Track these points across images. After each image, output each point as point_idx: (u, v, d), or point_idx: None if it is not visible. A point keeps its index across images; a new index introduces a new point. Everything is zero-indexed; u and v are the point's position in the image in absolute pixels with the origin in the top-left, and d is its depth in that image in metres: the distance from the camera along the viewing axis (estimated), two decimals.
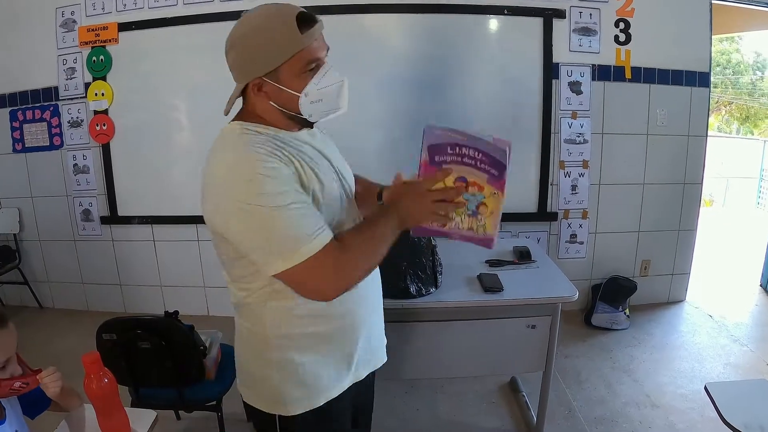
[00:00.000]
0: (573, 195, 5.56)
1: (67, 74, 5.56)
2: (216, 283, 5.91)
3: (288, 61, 1.89)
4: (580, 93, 5.34)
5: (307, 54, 1.90)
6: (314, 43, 1.90)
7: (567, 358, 4.95)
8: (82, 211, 5.90)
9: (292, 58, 1.89)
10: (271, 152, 1.87)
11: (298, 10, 1.87)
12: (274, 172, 1.82)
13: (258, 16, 1.90)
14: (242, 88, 1.99)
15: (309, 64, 1.91)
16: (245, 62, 1.93)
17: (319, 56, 1.93)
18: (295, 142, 2.01)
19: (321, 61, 1.94)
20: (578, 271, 5.76)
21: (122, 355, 3.21)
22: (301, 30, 1.86)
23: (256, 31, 1.89)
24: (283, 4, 1.90)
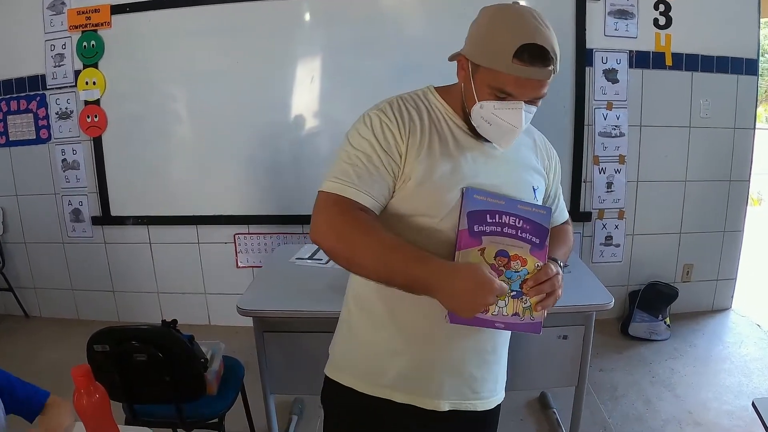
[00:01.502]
0: (608, 193, 5.56)
1: (55, 61, 5.58)
2: (218, 290, 5.94)
3: (490, 69, 1.95)
4: (616, 82, 5.33)
5: (502, 81, 1.94)
6: (517, 79, 1.92)
7: (602, 371, 4.94)
8: (71, 211, 5.92)
9: (495, 72, 1.94)
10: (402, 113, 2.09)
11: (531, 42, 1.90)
12: (377, 121, 2.06)
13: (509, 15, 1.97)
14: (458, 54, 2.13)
15: (499, 90, 1.96)
16: (470, 36, 2.09)
17: (511, 91, 1.95)
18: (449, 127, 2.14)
19: (514, 98, 1.96)
20: (614, 276, 5.75)
21: (115, 368, 3.20)
22: (517, 58, 1.89)
23: (493, 23, 1.99)
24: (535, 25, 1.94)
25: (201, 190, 5.64)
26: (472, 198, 1.97)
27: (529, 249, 1.98)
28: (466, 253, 1.94)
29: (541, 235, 2.00)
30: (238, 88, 5.33)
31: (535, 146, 2.34)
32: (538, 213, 2.02)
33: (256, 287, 3.72)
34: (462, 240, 1.95)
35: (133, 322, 5.57)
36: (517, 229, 1.98)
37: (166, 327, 3.28)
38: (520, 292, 1.97)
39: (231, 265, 5.87)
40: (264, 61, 5.27)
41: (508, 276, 1.95)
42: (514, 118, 1.97)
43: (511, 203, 2.00)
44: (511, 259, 1.96)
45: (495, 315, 1.96)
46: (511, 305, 1.98)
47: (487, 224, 1.96)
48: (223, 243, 5.80)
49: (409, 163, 2.03)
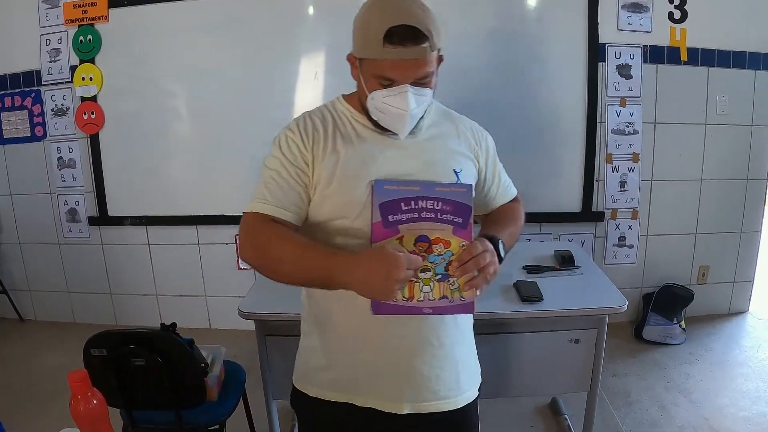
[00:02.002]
0: (621, 192, 5.55)
1: (51, 56, 5.58)
2: (219, 292, 5.94)
3: (368, 60, 2.07)
4: (630, 77, 5.32)
5: (379, 68, 2.05)
6: (392, 62, 2.02)
7: (615, 376, 4.95)
8: (67, 211, 5.93)
9: (372, 60, 2.06)
10: (306, 126, 2.22)
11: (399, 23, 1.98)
12: (283, 139, 2.21)
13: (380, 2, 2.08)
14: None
15: (378, 77, 2.07)
16: (353, 32, 2.15)
17: (392, 78, 2.05)
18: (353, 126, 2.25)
19: (397, 83, 2.06)
20: (627, 278, 5.74)
21: (113, 373, 3.19)
22: (386, 42, 1.99)
23: (365, 13, 2.09)
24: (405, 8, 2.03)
25: (201, 189, 5.63)
26: (382, 189, 2.00)
27: (451, 230, 2.01)
28: (382, 245, 1.96)
29: (464, 214, 2.02)
30: (239, 84, 5.33)
31: (458, 131, 2.39)
32: (458, 191, 2.04)
33: (257, 290, 3.72)
34: (375, 232, 1.99)
35: (131, 325, 5.53)
36: (437, 212, 2.00)
37: (165, 330, 3.28)
38: (446, 274, 2.00)
39: (232, 267, 5.86)
40: (266, 57, 5.27)
41: (431, 260, 1.99)
42: (401, 102, 2.06)
43: (428, 187, 2.02)
44: (433, 242, 1.99)
45: (421, 301, 2.00)
46: (438, 288, 2.01)
47: (403, 212, 1.99)
48: (224, 244, 5.79)
49: (317, 169, 2.16)
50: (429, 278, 1.99)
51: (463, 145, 2.35)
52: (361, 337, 2.24)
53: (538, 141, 5.36)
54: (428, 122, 2.32)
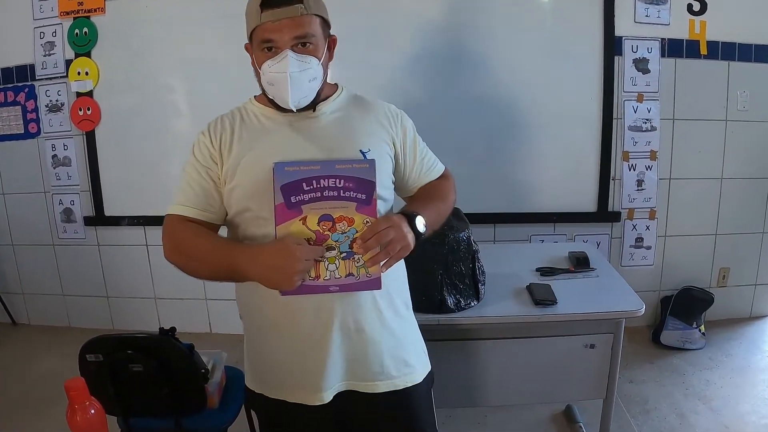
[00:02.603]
0: (639, 191, 5.55)
1: (45, 50, 5.58)
2: (220, 296, 5.93)
3: (252, 35, 2.31)
4: (647, 72, 5.31)
5: (261, 32, 2.24)
6: (270, 24, 2.20)
7: (632, 382, 4.94)
8: (62, 211, 5.93)
9: (253, 32, 2.28)
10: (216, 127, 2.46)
11: None
12: (195, 142, 2.44)
13: None
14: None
15: (261, 43, 2.25)
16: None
17: (271, 38, 2.22)
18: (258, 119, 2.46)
19: (275, 44, 2.23)
20: (645, 280, 5.73)
21: (110, 379, 3.18)
22: (263, 8, 2.19)
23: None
24: None
25: None
26: (283, 171, 2.07)
27: (355, 207, 2.10)
28: (286, 227, 2.08)
29: (367, 190, 2.10)
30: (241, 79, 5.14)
31: (368, 114, 2.50)
32: (361, 168, 2.10)
33: None
34: (279, 215, 2.08)
35: (128, 329, 5.54)
36: (339, 190, 2.08)
37: (164, 335, 3.27)
38: (352, 251, 2.11)
39: None
40: None
41: (335, 239, 2.10)
42: (282, 65, 2.21)
43: (328, 165, 2.09)
44: (336, 221, 2.09)
45: (327, 279, 2.13)
46: (343, 266, 2.13)
47: (305, 192, 2.07)
48: None
49: (224, 166, 2.35)
50: (334, 257, 2.11)
51: (373, 127, 2.46)
52: (273, 328, 2.41)
53: (551, 138, 5.36)
54: (334, 107, 2.46)
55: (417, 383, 2.58)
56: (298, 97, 2.26)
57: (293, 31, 2.20)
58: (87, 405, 2.06)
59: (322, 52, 2.32)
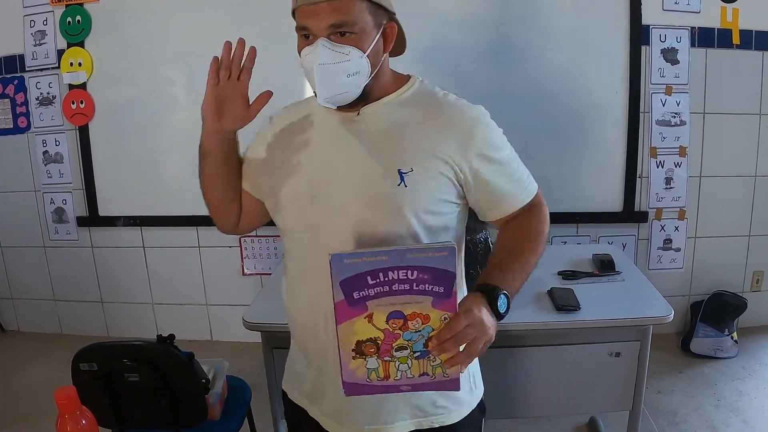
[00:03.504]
0: (667, 190, 5.54)
1: (36, 39, 5.59)
2: (221, 301, 5.96)
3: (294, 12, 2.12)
4: (677, 63, 5.30)
5: (298, 16, 2.09)
6: (305, 8, 2.03)
7: (660, 393, 4.94)
8: (53, 210, 5.94)
9: (294, 14, 2.11)
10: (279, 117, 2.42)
11: None
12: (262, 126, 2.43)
13: None
14: None
15: (299, 29, 2.11)
16: None
17: (305, 24, 2.05)
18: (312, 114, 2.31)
19: (310, 31, 2.05)
20: (674, 285, 5.71)
21: (104, 389, 3.19)
22: None
23: None
24: None
25: None
26: (342, 264, 1.86)
27: (431, 302, 1.88)
28: (349, 326, 1.90)
29: (446, 282, 1.87)
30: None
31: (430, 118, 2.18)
32: (438, 257, 1.86)
33: (264, 298, 3.74)
34: (340, 313, 1.89)
35: (124, 337, 5.55)
36: (411, 283, 1.87)
37: (162, 343, 3.28)
38: (426, 351, 1.93)
39: (236, 273, 5.88)
40: (273, 39, 5.21)
41: (407, 338, 1.92)
42: (313, 55, 2.04)
43: (398, 255, 1.87)
44: (408, 318, 1.90)
45: (398, 380, 1.96)
46: (417, 366, 1.95)
47: (370, 287, 1.87)
48: (227, 247, 5.80)
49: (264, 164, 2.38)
50: (406, 356, 1.94)
51: (430, 138, 2.14)
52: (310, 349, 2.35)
53: (574, 134, 5.35)
54: (385, 108, 2.21)
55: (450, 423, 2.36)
56: (330, 93, 2.08)
57: (329, 17, 2.00)
58: (78, 415, 2.06)
59: (370, 43, 2.08)
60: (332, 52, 2.02)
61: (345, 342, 1.91)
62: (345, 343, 1.91)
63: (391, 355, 1.93)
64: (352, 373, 1.94)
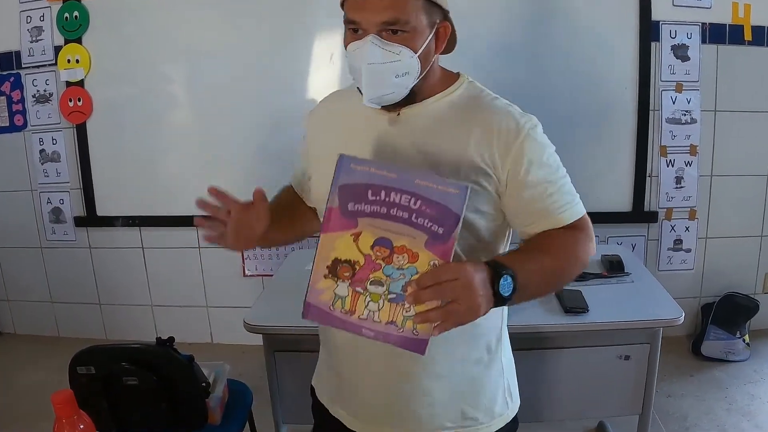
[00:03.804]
0: (677, 189, 5.53)
1: (32, 35, 5.58)
2: (222, 302, 5.96)
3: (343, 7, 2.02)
4: (687, 59, 5.29)
5: (347, 9, 1.99)
6: (355, 1, 1.94)
7: (670, 397, 4.94)
8: (50, 210, 5.94)
9: (343, 6, 2.01)
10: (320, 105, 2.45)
11: None
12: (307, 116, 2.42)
13: None
14: None
15: (347, 22, 1.99)
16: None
17: (354, 18, 1.95)
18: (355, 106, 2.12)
19: (360, 25, 1.95)
20: (684, 286, 5.70)
21: (102, 393, 3.17)
22: None
23: None
24: None
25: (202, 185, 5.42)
26: (348, 168, 1.80)
27: (424, 240, 1.76)
28: (332, 238, 1.81)
29: (447, 223, 1.74)
30: (245, 66, 5.33)
31: (474, 123, 2.09)
32: (447, 193, 1.75)
33: (266, 299, 3.75)
34: (330, 220, 1.82)
35: (122, 340, 5.56)
36: (412, 212, 1.76)
37: (161, 346, 3.28)
38: (402, 295, 1.77)
39: (237, 274, 5.88)
40: (275, 36, 5.25)
41: (387, 273, 1.78)
42: (362, 51, 1.96)
43: (407, 177, 1.77)
44: (395, 251, 1.77)
45: (363, 319, 1.82)
46: (387, 310, 1.81)
47: (368, 202, 1.78)
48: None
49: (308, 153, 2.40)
50: (380, 294, 1.80)
51: (472, 147, 2.05)
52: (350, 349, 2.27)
53: (582, 132, 5.34)
54: (427, 110, 2.13)
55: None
56: (376, 94, 2.00)
57: (382, 13, 1.91)
58: (75, 419, 2.06)
59: (423, 42, 2.00)
60: (382, 50, 1.95)
61: (322, 255, 1.83)
62: (321, 257, 1.83)
63: (365, 287, 1.81)
64: (317, 295, 1.86)
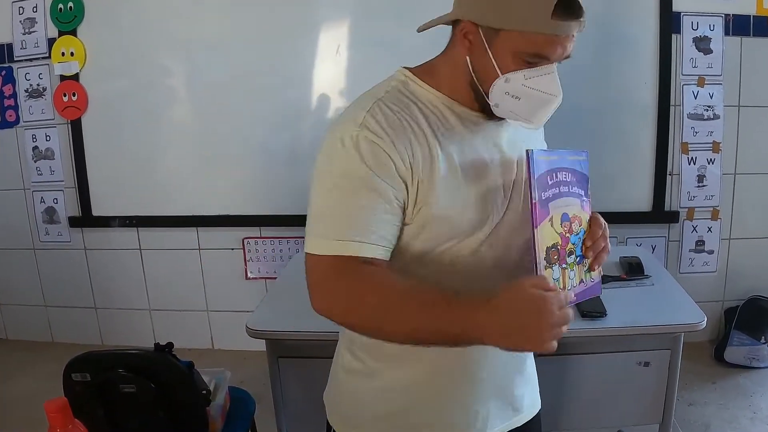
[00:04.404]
0: (699, 188, 5.53)
1: (25, 27, 5.59)
2: (223, 306, 5.97)
3: (517, 33, 1.86)
4: (710, 52, 5.28)
5: (540, 43, 1.86)
6: (556, 38, 1.87)
7: (691, 405, 4.93)
8: (44, 210, 5.95)
9: (523, 33, 1.85)
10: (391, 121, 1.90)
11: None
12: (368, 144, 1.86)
13: None
14: (453, 20, 2.03)
15: (533, 55, 1.88)
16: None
17: (548, 54, 1.88)
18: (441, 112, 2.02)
19: (548, 61, 1.90)
20: (706, 289, 5.68)
21: (98, 401, 3.15)
22: (557, 15, 1.83)
23: None
24: None
25: (202, 184, 5.63)
26: (537, 161, 1.88)
27: (579, 204, 2.02)
28: (541, 229, 1.87)
29: (585, 185, 2.06)
30: (248, 60, 5.32)
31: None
32: (579, 161, 2.07)
33: (269, 303, 3.75)
34: (537, 214, 1.86)
35: (119, 345, 5.55)
36: (569, 185, 1.99)
37: (159, 352, 3.28)
38: (581, 255, 2.02)
39: (239, 276, 5.88)
40: (279, 27, 5.24)
41: (573, 242, 1.98)
42: (551, 85, 1.91)
43: (563, 156, 2.01)
44: (571, 221, 1.98)
45: (569, 289, 1.95)
46: (577, 273, 2.02)
47: (549, 187, 1.92)
48: (229, 249, 5.81)
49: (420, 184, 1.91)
50: (574, 262, 1.99)
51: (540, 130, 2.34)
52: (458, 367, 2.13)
53: (599, 128, 5.35)
54: None
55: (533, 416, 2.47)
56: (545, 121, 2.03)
57: (568, 50, 1.93)
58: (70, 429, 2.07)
59: None
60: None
61: (539, 249, 1.88)
62: (539, 251, 1.88)
63: (566, 261, 1.96)
64: None
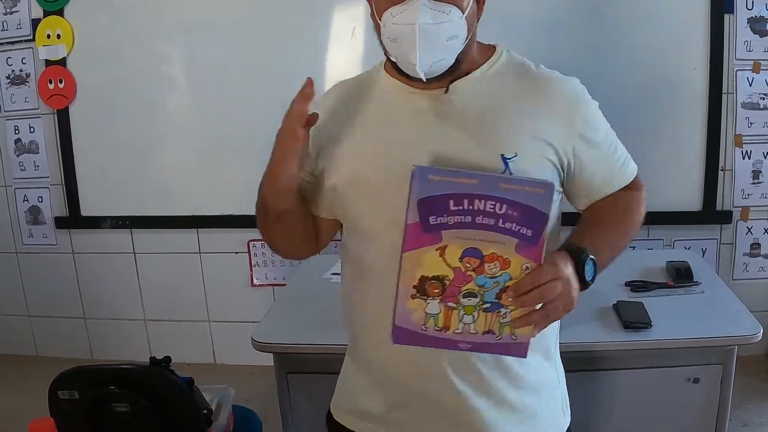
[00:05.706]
0: (755, 185, 5.49)
1: (6, 6, 5.59)
2: (226, 317, 5.97)
3: None
4: (766, 34, 5.25)
5: None
6: None
7: (746, 426, 4.92)
8: (27, 209, 5.95)
9: None
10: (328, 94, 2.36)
11: None
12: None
13: None
14: None
15: None
16: None
17: None
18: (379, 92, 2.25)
19: None
20: (763, 298, 5.61)
21: (87, 421, 3.18)
22: None
23: None
24: None
25: (203, 181, 5.63)
26: (426, 180, 1.82)
27: (515, 245, 1.85)
28: (416, 255, 1.86)
29: (535, 225, 1.84)
30: (253, 44, 5.32)
31: (532, 95, 2.19)
32: (532, 193, 1.82)
33: (277, 313, 3.76)
34: (410, 237, 1.85)
35: (111, 360, 5.57)
36: (498, 218, 1.82)
37: (156, 366, 3.29)
38: (498, 303, 1.89)
39: (244, 283, 5.88)
40: (288, 9, 5.24)
41: (479, 283, 1.87)
42: (410, 13, 1.93)
43: (490, 182, 1.83)
44: (486, 260, 1.85)
45: (458, 333, 1.92)
46: (483, 320, 1.91)
47: (450, 213, 1.83)
48: (233, 253, 5.81)
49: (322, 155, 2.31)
50: (474, 306, 1.89)
51: (535, 118, 2.14)
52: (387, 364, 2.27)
53: (644, 118, 5.30)
54: (479, 85, 2.18)
55: None
56: (429, 60, 1.98)
57: None
58: None
59: (468, 3, 2.03)
60: (432, 11, 1.95)
61: (407, 275, 1.87)
62: (407, 277, 1.87)
63: (458, 301, 1.88)
64: (407, 316, 1.91)
